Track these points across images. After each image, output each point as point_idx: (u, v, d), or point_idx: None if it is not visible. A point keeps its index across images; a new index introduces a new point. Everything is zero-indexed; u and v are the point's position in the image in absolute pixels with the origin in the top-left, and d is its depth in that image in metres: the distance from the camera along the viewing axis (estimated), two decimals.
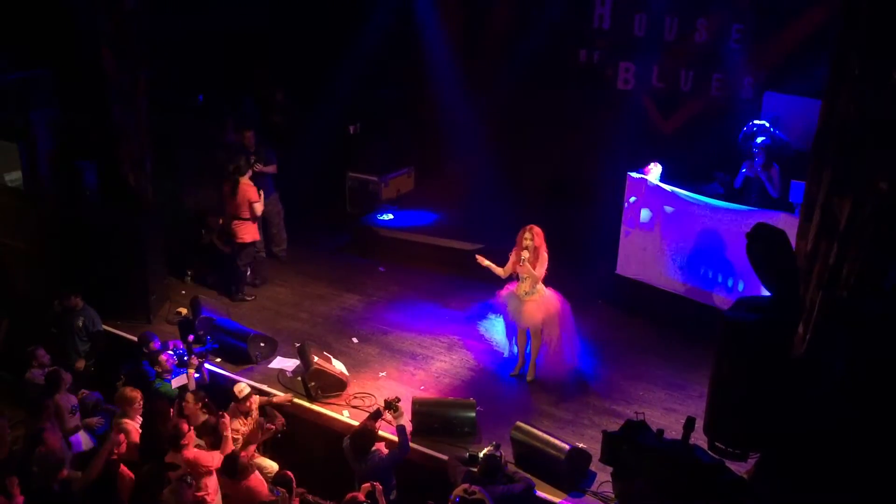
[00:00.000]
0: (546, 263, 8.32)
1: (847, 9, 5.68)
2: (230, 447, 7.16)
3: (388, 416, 7.30)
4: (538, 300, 8.42)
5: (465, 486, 6.38)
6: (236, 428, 7.61)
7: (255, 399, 7.87)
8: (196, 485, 6.67)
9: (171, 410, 7.74)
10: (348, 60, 12.48)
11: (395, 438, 7.29)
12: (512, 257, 8.43)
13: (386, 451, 7.12)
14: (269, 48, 12.64)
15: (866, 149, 5.50)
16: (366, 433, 7.07)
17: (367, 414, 7.58)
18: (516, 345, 8.87)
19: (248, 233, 10.15)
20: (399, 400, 7.33)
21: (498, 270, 8.51)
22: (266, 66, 12.81)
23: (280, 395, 8.29)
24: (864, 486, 5.47)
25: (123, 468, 6.97)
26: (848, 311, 5.53)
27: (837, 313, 5.60)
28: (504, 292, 8.64)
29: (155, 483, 6.62)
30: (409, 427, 7.77)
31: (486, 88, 12.33)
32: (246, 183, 10.01)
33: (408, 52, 12.85)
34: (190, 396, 7.77)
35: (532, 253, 8.29)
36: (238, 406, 7.72)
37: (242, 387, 7.81)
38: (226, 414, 7.45)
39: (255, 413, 7.79)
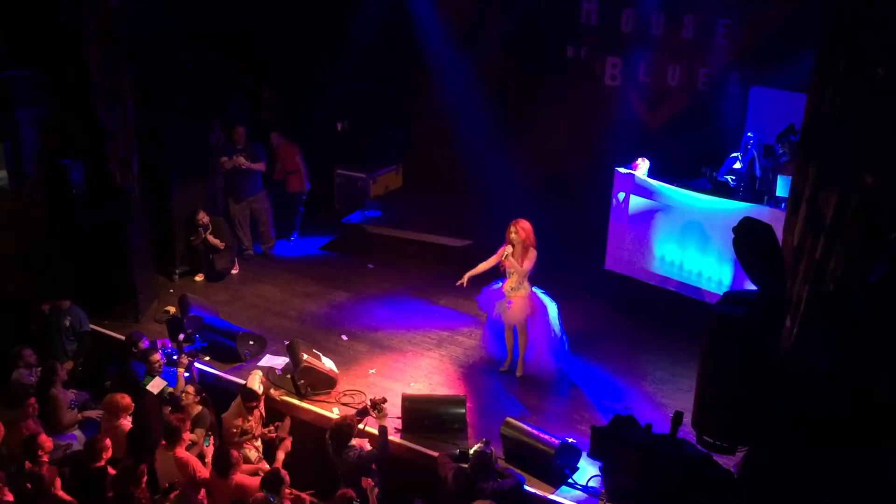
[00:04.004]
0: (534, 259, 8.32)
1: (833, 4, 5.70)
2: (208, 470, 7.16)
3: (373, 414, 7.31)
4: (524, 297, 8.42)
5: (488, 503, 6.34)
6: (235, 423, 7.65)
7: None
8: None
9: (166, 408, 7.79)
10: (336, 57, 12.45)
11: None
12: (499, 251, 8.44)
13: (368, 447, 7.11)
14: (256, 45, 12.60)
15: (852, 143, 5.52)
16: (343, 427, 7.04)
17: (356, 411, 7.61)
18: (502, 341, 8.87)
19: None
20: (385, 400, 7.32)
21: (483, 266, 8.52)
22: (253, 63, 12.76)
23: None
24: (850, 480, 5.51)
25: (110, 469, 6.96)
26: (834, 305, 5.55)
27: (824, 307, 5.62)
28: (489, 289, 8.64)
29: (129, 479, 6.59)
30: (398, 425, 7.80)
31: (474, 85, 12.32)
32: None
33: (396, 49, 12.83)
34: (191, 388, 7.87)
35: (518, 247, 8.29)
36: (246, 403, 7.72)
37: (257, 386, 7.81)
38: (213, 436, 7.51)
39: (258, 411, 7.85)
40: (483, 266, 8.54)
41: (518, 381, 8.69)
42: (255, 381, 7.91)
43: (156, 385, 8.11)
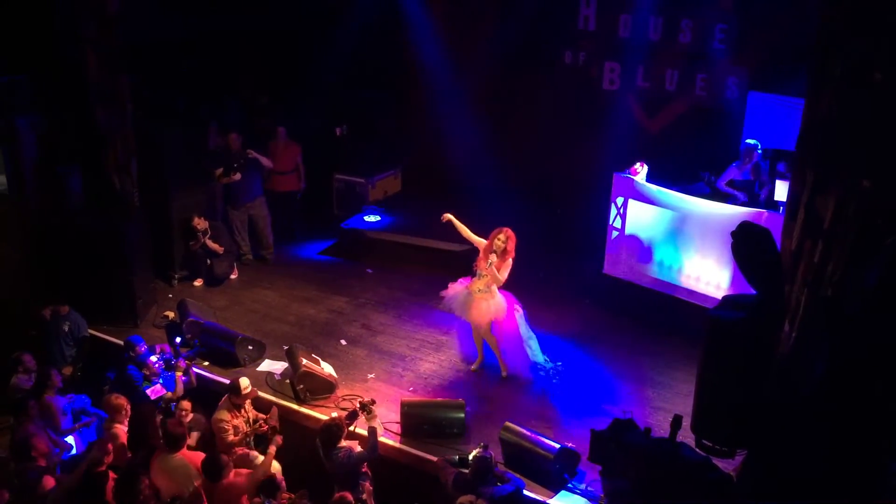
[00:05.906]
0: (510, 269, 8.33)
1: (828, 9, 5.73)
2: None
3: (362, 416, 7.32)
4: (488, 300, 8.42)
5: (471, 498, 6.37)
6: (224, 419, 7.64)
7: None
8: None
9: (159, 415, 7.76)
10: (334, 62, 12.47)
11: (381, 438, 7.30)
12: (481, 252, 8.44)
13: (359, 449, 7.12)
14: (254, 51, 12.61)
15: (849, 148, 5.54)
16: (332, 428, 7.05)
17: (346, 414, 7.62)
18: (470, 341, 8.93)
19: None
20: (374, 402, 7.34)
21: (463, 230, 8.57)
22: (251, 69, 12.77)
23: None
24: (848, 481, 5.51)
25: (111, 474, 6.94)
26: (830, 309, 5.56)
27: (821, 312, 5.63)
28: (455, 285, 8.65)
29: (131, 482, 6.58)
30: (393, 427, 7.82)
31: (473, 90, 12.35)
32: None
33: (394, 54, 12.85)
34: (187, 404, 7.84)
35: (499, 256, 8.30)
36: (232, 399, 7.71)
37: (246, 383, 7.77)
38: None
39: (247, 408, 7.83)
40: (465, 231, 8.58)
41: (516, 385, 8.69)
42: (244, 381, 7.87)
43: (155, 392, 8.11)
